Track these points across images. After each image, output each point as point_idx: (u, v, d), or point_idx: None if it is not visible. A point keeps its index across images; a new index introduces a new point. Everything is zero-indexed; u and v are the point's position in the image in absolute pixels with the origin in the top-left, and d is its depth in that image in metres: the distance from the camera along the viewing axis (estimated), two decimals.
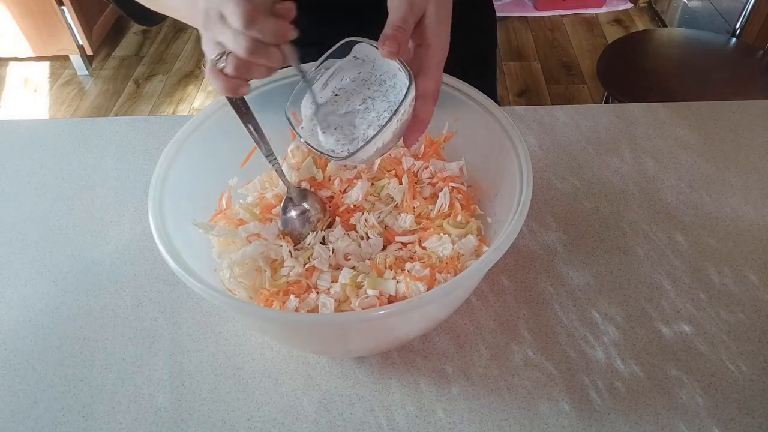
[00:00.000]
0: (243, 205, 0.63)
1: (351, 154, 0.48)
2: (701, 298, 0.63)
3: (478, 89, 0.61)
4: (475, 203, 0.62)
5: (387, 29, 0.46)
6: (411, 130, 0.49)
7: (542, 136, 0.81)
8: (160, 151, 0.57)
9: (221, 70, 0.47)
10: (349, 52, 0.52)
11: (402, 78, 0.49)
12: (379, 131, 0.47)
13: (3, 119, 0.93)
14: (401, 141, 0.51)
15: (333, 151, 0.50)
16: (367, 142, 0.47)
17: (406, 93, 0.46)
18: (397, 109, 0.46)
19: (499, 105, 0.92)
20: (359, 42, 0.51)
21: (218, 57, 0.46)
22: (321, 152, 0.50)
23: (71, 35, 2.41)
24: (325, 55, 0.52)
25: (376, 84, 0.51)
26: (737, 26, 1.65)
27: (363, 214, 0.61)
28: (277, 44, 0.46)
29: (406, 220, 0.60)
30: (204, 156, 0.60)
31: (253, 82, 0.62)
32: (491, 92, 0.90)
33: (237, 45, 0.45)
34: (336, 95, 0.52)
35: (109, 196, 0.77)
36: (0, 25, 2.37)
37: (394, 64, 0.49)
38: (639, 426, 0.53)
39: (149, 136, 0.84)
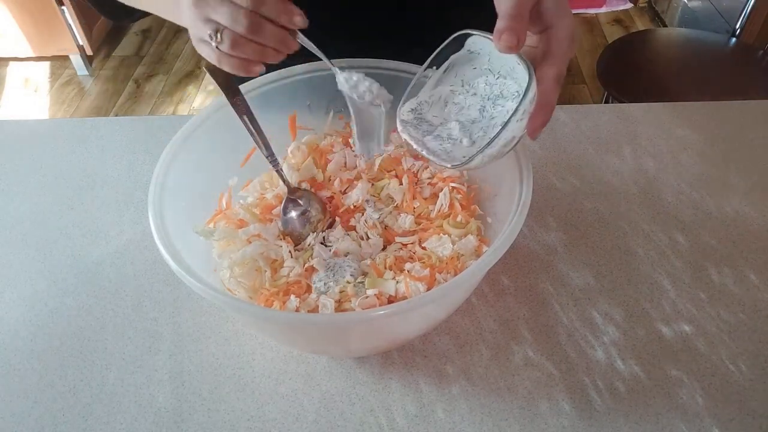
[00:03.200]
0: (243, 206, 0.63)
1: (468, 160, 0.45)
2: (701, 298, 0.63)
3: None
4: (475, 203, 0.62)
5: (500, 21, 0.42)
6: (535, 118, 0.44)
7: (542, 136, 0.81)
8: (160, 151, 0.57)
9: (218, 48, 0.46)
10: (462, 47, 0.49)
11: (521, 73, 0.45)
12: (495, 136, 0.43)
13: (3, 119, 0.93)
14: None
15: (446, 156, 0.47)
16: (482, 149, 0.44)
17: (525, 92, 0.43)
18: (516, 109, 0.43)
19: None
20: (472, 35, 0.47)
21: (212, 33, 0.46)
22: (436, 160, 0.47)
23: (71, 35, 2.41)
24: (437, 50, 0.49)
25: (493, 81, 0.48)
26: (737, 26, 1.65)
27: (363, 214, 0.61)
28: (282, 26, 0.45)
29: (406, 221, 0.60)
30: (204, 156, 0.60)
31: (253, 82, 0.62)
32: None
33: (235, 22, 0.44)
34: (451, 92, 0.50)
35: (109, 196, 0.77)
36: (0, 25, 2.37)
37: (512, 57, 0.45)
38: (639, 426, 0.53)
39: (149, 136, 0.84)
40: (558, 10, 0.44)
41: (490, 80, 0.48)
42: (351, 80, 0.52)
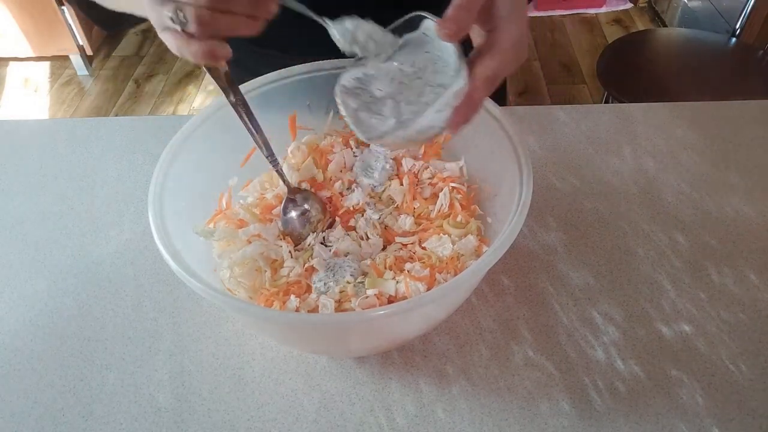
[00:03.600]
0: (243, 206, 0.63)
1: (379, 136, 0.46)
2: (701, 298, 0.63)
3: None
4: (475, 203, 0.62)
5: (449, 9, 0.42)
6: (456, 113, 0.45)
7: (542, 136, 0.81)
8: (161, 151, 0.57)
9: (183, 31, 0.41)
10: (417, 29, 0.49)
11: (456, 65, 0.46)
12: (409, 121, 0.44)
13: (3, 119, 0.93)
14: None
15: (366, 129, 0.48)
16: (393, 131, 0.45)
17: (452, 84, 0.43)
18: (436, 101, 0.44)
19: (505, 104, 0.91)
20: (427, 18, 0.47)
21: (173, 14, 0.40)
22: (356, 130, 0.48)
23: (71, 35, 2.41)
24: (392, 26, 0.48)
25: (439, 69, 0.47)
26: (737, 26, 1.66)
27: (363, 215, 0.61)
28: None
29: (406, 222, 0.60)
30: (204, 156, 0.60)
31: (253, 82, 0.62)
32: (501, 90, 0.90)
33: None
34: (400, 70, 0.49)
35: (109, 196, 0.77)
36: (0, 25, 2.37)
37: (453, 48, 0.46)
38: (639, 426, 0.53)
39: (149, 136, 0.84)
40: (509, 15, 0.43)
41: (437, 67, 0.48)
42: (347, 32, 0.48)
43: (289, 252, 0.58)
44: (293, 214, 0.60)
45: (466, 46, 0.46)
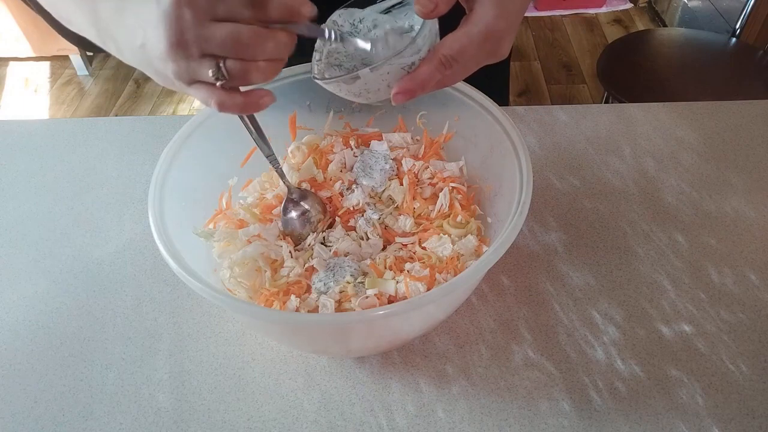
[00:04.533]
0: (243, 206, 0.63)
1: (322, 79, 0.45)
2: (701, 298, 0.63)
3: (490, 87, 0.61)
4: (475, 203, 0.62)
5: None
6: (399, 83, 0.44)
7: (542, 136, 0.81)
8: (161, 151, 0.57)
9: (223, 87, 0.40)
10: None
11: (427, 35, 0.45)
12: (343, 75, 0.44)
13: (3, 119, 0.93)
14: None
15: (318, 67, 0.47)
16: (329, 79, 0.44)
17: (403, 49, 0.42)
18: (379, 64, 0.43)
19: (507, 104, 0.91)
20: None
21: (215, 71, 0.39)
22: (314, 67, 0.48)
23: None
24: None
25: (433, 40, 0.46)
26: (737, 26, 1.65)
27: (363, 214, 0.61)
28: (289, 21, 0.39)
29: (406, 223, 0.60)
30: (204, 156, 0.60)
31: None
32: (503, 91, 0.90)
33: (240, 44, 0.37)
34: (395, 29, 0.48)
35: (109, 196, 0.77)
36: (0, 25, 2.37)
37: (420, 21, 0.44)
38: (639, 426, 0.53)
39: (149, 136, 0.84)
40: (487, 3, 0.42)
41: (431, 35, 0.46)
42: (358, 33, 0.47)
43: (289, 252, 0.58)
44: (293, 214, 0.60)
45: None
